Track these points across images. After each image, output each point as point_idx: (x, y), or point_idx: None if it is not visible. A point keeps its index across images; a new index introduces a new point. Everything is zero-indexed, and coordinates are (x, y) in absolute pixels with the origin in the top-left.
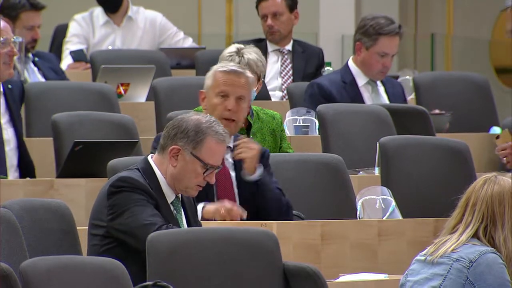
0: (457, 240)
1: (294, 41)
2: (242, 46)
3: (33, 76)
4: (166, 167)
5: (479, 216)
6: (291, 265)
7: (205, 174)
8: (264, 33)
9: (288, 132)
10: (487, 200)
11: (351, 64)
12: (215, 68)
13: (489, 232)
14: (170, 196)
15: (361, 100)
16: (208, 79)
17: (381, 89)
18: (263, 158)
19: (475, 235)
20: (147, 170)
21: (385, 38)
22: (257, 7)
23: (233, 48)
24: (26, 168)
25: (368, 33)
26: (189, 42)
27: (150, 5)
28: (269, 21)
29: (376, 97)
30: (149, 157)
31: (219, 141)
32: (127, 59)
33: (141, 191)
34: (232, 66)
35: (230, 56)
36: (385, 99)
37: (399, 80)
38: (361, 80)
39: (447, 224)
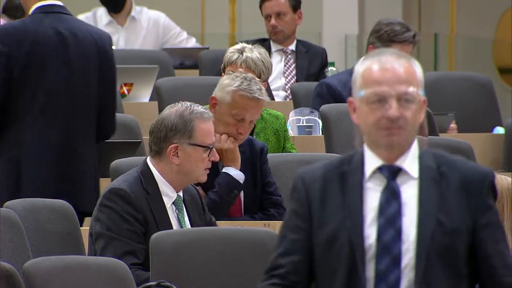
0: None
1: (298, 41)
2: (247, 45)
3: None
4: (163, 168)
5: None
6: None
7: (209, 156)
8: (268, 33)
9: (292, 132)
10: None
11: None
12: (237, 85)
13: None
14: (170, 197)
15: None
16: (227, 94)
17: None
18: (262, 154)
19: None
20: (146, 173)
21: (398, 45)
22: (260, 7)
23: (238, 46)
24: None
25: (382, 38)
26: (192, 42)
27: (153, 5)
28: (273, 21)
29: None
30: (148, 159)
31: (206, 119)
32: (130, 59)
33: (126, 211)
34: (255, 91)
35: (232, 53)
36: None
37: None
38: None
39: None
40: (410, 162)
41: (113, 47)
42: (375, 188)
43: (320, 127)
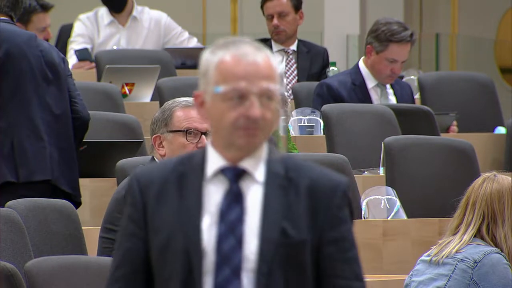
0: (460, 241)
1: (299, 41)
2: None
3: None
4: None
5: (479, 214)
6: None
7: (193, 142)
8: (269, 33)
9: (293, 132)
10: (487, 198)
11: (361, 65)
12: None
13: (491, 230)
14: None
15: (370, 102)
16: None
17: (390, 91)
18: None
19: (478, 234)
20: None
21: (395, 45)
22: (262, 7)
23: None
24: None
25: (379, 38)
26: (194, 42)
27: (155, 5)
28: (275, 21)
29: (385, 100)
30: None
31: (186, 106)
32: (132, 59)
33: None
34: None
35: None
36: (393, 102)
37: (404, 80)
38: (370, 82)
39: (450, 225)
40: (256, 165)
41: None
42: (216, 191)
43: (322, 127)
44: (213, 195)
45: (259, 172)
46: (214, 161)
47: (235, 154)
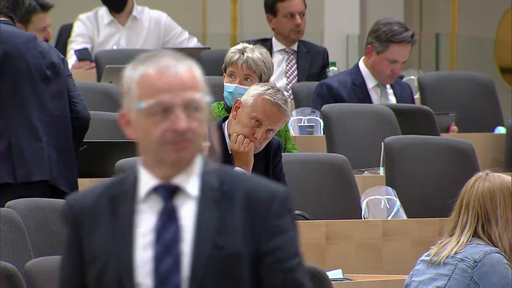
0: (457, 242)
1: (299, 41)
2: (248, 45)
3: None
4: None
5: (473, 215)
6: None
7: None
8: (285, 31)
9: (293, 132)
10: (479, 198)
11: (361, 65)
12: (263, 90)
13: (486, 230)
14: None
15: (370, 102)
16: (251, 97)
17: (390, 91)
18: (278, 150)
19: (475, 235)
20: None
21: (396, 45)
22: (276, 4)
23: (239, 46)
24: None
25: (380, 38)
26: (193, 42)
27: (155, 5)
28: (299, 20)
29: (384, 100)
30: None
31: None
32: (131, 59)
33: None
34: (278, 99)
35: (233, 53)
36: (393, 102)
37: (404, 80)
38: (370, 82)
39: (447, 226)
40: (189, 180)
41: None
42: (150, 211)
43: (322, 127)
44: (147, 216)
45: (193, 187)
46: (146, 181)
47: (166, 171)
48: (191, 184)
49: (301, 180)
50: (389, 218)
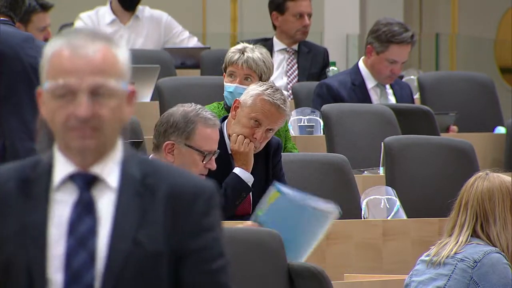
0: (456, 243)
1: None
2: (248, 45)
3: None
4: None
5: (472, 214)
6: (296, 265)
7: (204, 162)
8: (291, 31)
9: (293, 132)
10: (478, 197)
11: (361, 65)
12: (262, 90)
13: (485, 229)
14: None
15: (370, 102)
16: (250, 97)
17: (390, 91)
18: (278, 150)
19: (474, 234)
20: None
21: (396, 46)
22: (285, 2)
23: (239, 46)
24: None
25: (380, 38)
26: (194, 42)
27: (155, 5)
28: (307, 21)
29: (384, 100)
30: (150, 157)
31: (210, 126)
32: (131, 58)
33: None
34: (277, 99)
35: (233, 53)
36: (393, 102)
37: (403, 80)
38: (370, 82)
39: (446, 226)
40: (110, 170)
41: None
42: (65, 201)
43: (321, 127)
44: (62, 206)
45: (112, 178)
46: (62, 167)
47: (81, 159)
48: (112, 174)
49: (301, 180)
50: (389, 218)
